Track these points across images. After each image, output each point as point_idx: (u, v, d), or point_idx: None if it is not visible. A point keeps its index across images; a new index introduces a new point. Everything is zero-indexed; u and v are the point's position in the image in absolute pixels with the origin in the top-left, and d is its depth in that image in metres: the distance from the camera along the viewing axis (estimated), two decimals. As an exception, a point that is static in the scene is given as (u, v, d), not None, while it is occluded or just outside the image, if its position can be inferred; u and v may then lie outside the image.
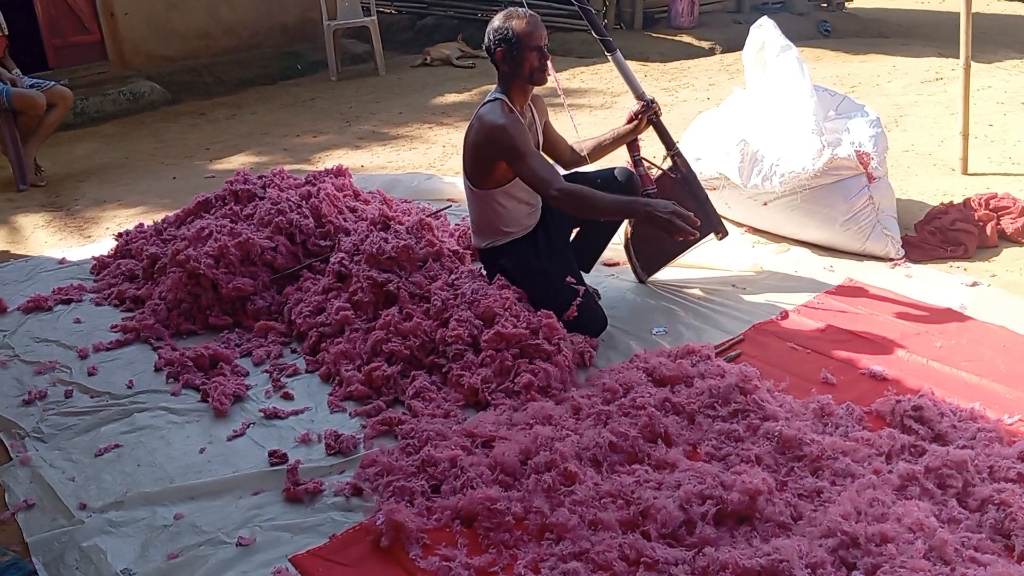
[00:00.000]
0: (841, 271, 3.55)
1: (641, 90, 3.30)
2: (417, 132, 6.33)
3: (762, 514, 2.10)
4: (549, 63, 3.03)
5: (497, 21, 2.97)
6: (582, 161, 3.35)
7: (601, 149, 3.35)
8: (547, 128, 3.31)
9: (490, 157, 2.99)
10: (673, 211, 2.77)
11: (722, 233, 3.37)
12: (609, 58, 3.31)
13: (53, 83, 5.56)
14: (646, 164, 3.27)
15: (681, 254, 3.51)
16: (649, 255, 3.50)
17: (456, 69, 8.49)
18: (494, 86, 3.08)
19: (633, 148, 3.30)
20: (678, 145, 3.40)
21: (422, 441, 2.49)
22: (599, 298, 3.31)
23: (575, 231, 3.41)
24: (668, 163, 3.37)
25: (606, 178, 3.23)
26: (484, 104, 3.05)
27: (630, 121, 3.32)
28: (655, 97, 3.33)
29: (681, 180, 3.33)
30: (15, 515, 2.36)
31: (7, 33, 5.54)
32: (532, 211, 3.20)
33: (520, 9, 2.99)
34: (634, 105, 3.32)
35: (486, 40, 3.00)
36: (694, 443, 2.45)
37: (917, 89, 6.32)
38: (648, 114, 3.29)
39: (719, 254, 3.58)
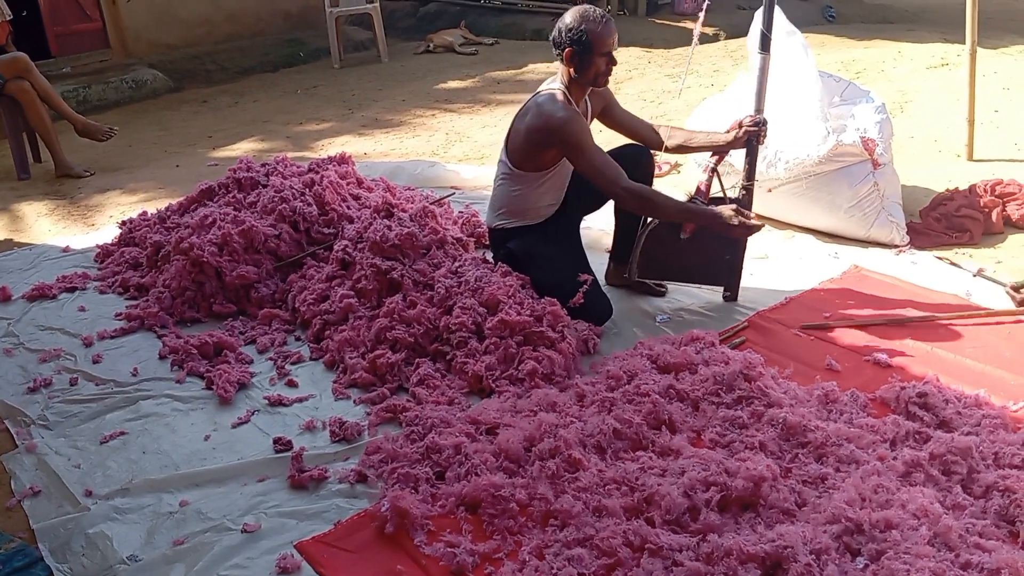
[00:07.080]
0: (846, 258, 3.54)
1: (763, 106, 3.13)
2: (420, 119, 6.31)
3: (766, 500, 2.10)
4: (698, 25, 2.97)
5: (571, 19, 2.89)
6: (659, 146, 3.22)
7: (685, 147, 3.24)
8: (610, 111, 3.23)
9: (543, 144, 2.98)
10: (741, 222, 2.85)
11: (731, 295, 3.25)
12: (759, 56, 3.11)
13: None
14: (716, 179, 3.10)
15: (680, 282, 3.35)
16: (652, 259, 3.19)
17: (459, 56, 8.43)
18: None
19: (718, 156, 3.16)
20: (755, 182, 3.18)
21: (426, 428, 2.49)
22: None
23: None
24: (735, 192, 3.16)
25: (633, 154, 3.17)
26: (541, 92, 3.02)
27: (730, 130, 3.15)
28: (766, 119, 3.13)
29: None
30: (21, 502, 2.38)
31: (10, 19, 5.50)
32: (553, 205, 3.19)
33: (595, 10, 2.91)
34: (746, 116, 3.13)
35: (556, 35, 2.92)
36: (698, 430, 2.46)
37: (922, 75, 6.28)
38: (753, 132, 3.09)
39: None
